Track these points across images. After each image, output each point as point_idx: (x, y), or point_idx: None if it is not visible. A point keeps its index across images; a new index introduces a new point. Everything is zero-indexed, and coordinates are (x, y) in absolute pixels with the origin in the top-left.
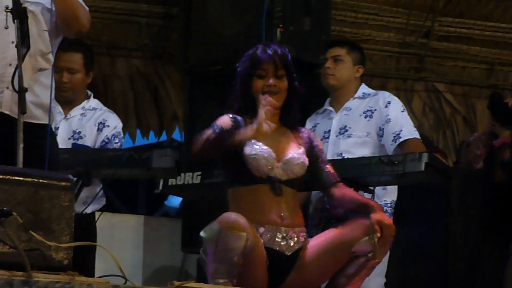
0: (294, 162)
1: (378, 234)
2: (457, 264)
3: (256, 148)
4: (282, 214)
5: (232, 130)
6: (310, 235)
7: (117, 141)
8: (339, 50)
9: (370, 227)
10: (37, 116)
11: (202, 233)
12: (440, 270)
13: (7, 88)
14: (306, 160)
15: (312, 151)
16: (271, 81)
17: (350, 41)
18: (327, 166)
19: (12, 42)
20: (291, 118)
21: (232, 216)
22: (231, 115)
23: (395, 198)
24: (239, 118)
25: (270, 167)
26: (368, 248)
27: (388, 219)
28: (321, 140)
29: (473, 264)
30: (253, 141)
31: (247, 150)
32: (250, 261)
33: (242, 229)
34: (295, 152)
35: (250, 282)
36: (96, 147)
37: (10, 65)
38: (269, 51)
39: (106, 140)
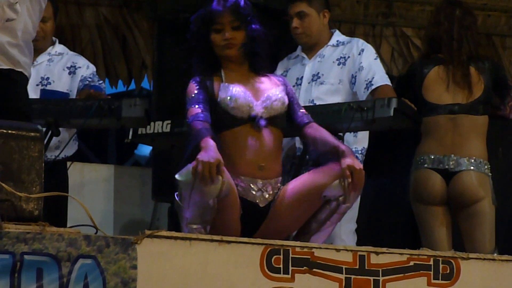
0: (273, 98)
1: (349, 179)
2: None
3: (232, 90)
4: (261, 164)
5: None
6: (282, 182)
7: (98, 79)
8: (300, 5)
9: (340, 171)
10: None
11: (177, 176)
12: (409, 215)
13: None
14: (285, 98)
15: (287, 94)
16: (227, 34)
17: None
18: (301, 109)
19: None
20: (260, 65)
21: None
22: (194, 82)
23: (366, 145)
24: (204, 78)
25: (250, 105)
26: (338, 192)
27: (358, 164)
28: (294, 86)
29: None
30: (226, 84)
31: (223, 94)
32: (224, 206)
33: (218, 174)
34: (274, 89)
35: (222, 229)
36: (75, 90)
37: None
38: (221, 3)
39: (89, 80)
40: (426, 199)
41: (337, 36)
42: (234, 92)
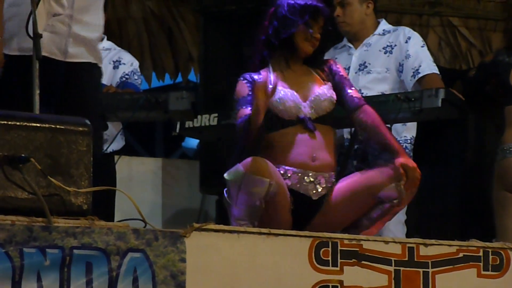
0: (321, 98)
1: (404, 178)
2: (474, 200)
3: (279, 93)
4: (314, 155)
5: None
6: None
7: (136, 77)
8: None
9: (395, 173)
10: (78, 54)
11: (226, 175)
12: (457, 206)
13: (44, 30)
14: (333, 95)
15: (334, 80)
16: (317, 35)
17: None
18: (350, 90)
19: None
20: (316, 61)
21: (256, 160)
22: (245, 82)
23: (414, 134)
24: (254, 76)
25: (297, 108)
26: (394, 195)
27: (412, 163)
28: None
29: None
30: (273, 86)
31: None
32: (273, 206)
33: (265, 174)
34: (321, 88)
35: (273, 224)
36: (114, 85)
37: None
38: (321, 5)
39: (126, 77)
40: (510, 187)
41: (384, 25)
42: (282, 94)
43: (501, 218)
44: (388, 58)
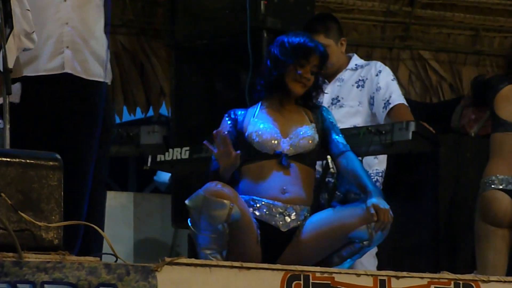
0: (301, 136)
1: (375, 218)
2: (448, 232)
3: (259, 125)
4: (284, 188)
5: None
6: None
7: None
8: (317, 37)
9: (367, 215)
10: (97, 72)
11: (187, 201)
12: (430, 239)
13: (67, 47)
14: (315, 135)
15: (323, 125)
16: (307, 74)
17: (319, 19)
18: (337, 136)
19: (65, 0)
20: (307, 102)
21: (216, 184)
22: (228, 119)
23: (385, 167)
24: (237, 112)
25: (275, 142)
26: (364, 236)
27: (384, 204)
28: None
29: (462, 233)
30: (256, 119)
31: (250, 128)
32: (238, 234)
33: (225, 197)
34: (304, 128)
35: (240, 254)
36: None
37: (67, 23)
38: (312, 44)
39: None
40: (492, 220)
41: (356, 60)
42: (261, 127)
43: (483, 251)
44: (360, 92)
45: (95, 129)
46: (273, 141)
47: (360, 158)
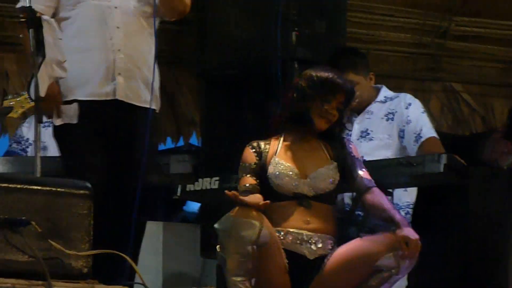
0: (321, 178)
1: (405, 252)
2: (477, 269)
3: (279, 167)
4: (307, 219)
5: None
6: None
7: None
8: (347, 75)
9: (395, 242)
10: (147, 99)
11: (216, 225)
12: (459, 275)
13: (119, 74)
14: (336, 176)
15: (345, 161)
16: (334, 110)
17: (345, 55)
18: (361, 171)
19: (118, 28)
20: (331, 137)
21: (246, 206)
22: (252, 149)
23: (414, 199)
24: (261, 145)
25: (294, 184)
26: (392, 264)
27: (414, 234)
28: None
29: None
30: (276, 159)
31: (270, 169)
32: (266, 257)
33: (254, 218)
34: (324, 168)
35: (268, 283)
36: None
37: (119, 50)
38: (341, 81)
39: None
40: None
41: (385, 92)
42: (281, 169)
43: None
44: (389, 125)
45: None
46: (292, 183)
47: (390, 190)
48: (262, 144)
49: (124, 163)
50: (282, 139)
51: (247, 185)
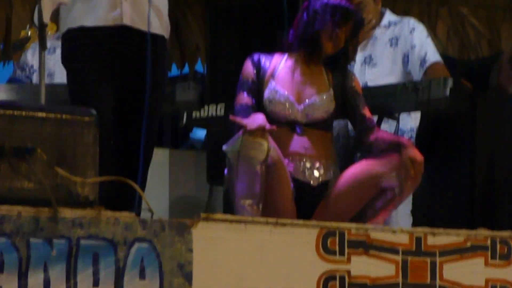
0: (315, 106)
1: (410, 171)
2: (484, 193)
3: (273, 93)
4: (305, 147)
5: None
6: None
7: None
8: None
9: (400, 163)
10: (156, 25)
11: (224, 147)
12: (466, 200)
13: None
14: (331, 105)
15: (346, 94)
16: (343, 36)
17: None
18: (363, 110)
19: None
20: (335, 64)
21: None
22: (251, 63)
23: (418, 123)
24: (261, 60)
25: (288, 111)
26: (396, 184)
27: (419, 156)
28: None
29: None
30: (273, 83)
31: (266, 93)
32: (274, 180)
33: (264, 137)
34: (321, 95)
35: (276, 209)
36: None
37: None
38: (353, 9)
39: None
40: None
41: (388, 16)
42: (276, 95)
43: None
44: (393, 51)
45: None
46: (286, 109)
47: (396, 114)
48: (263, 59)
49: (133, 92)
50: (285, 58)
51: (243, 104)
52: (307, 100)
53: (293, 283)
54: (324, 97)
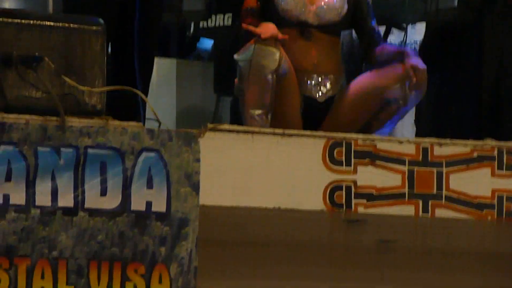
0: (329, 7)
1: (414, 79)
2: (492, 104)
3: None
4: (314, 62)
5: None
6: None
7: None
8: None
9: (403, 72)
10: None
11: (235, 56)
12: (473, 110)
13: None
14: (344, 7)
15: (358, 4)
16: None
17: None
18: (373, 23)
19: None
20: None
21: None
22: None
23: (422, 36)
24: None
25: (300, 10)
26: (400, 95)
27: (422, 64)
28: None
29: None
30: None
31: None
32: (284, 90)
33: (276, 46)
34: None
35: (283, 121)
36: None
37: None
38: None
39: None
40: None
41: None
42: None
43: None
44: None
45: None
46: (298, 10)
47: (404, 25)
48: None
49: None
50: None
51: (250, 8)
52: (319, 3)
53: (300, 193)
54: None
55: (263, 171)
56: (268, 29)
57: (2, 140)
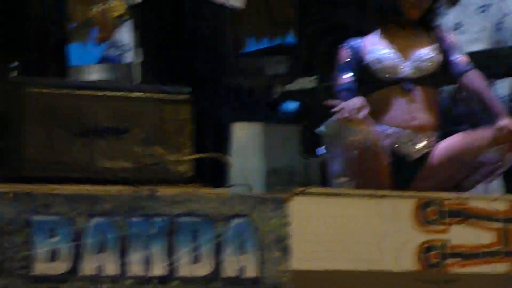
0: (423, 58)
1: (506, 141)
2: None
3: (379, 51)
4: (412, 115)
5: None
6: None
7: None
8: None
9: (497, 134)
10: None
11: (321, 128)
12: None
13: None
14: (438, 56)
15: (444, 46)
16: None
17: None
18: (458, 55)
19: None
20: (426, 23)
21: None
22: (346, 47)
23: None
24: (356, 43)
25: (396, 66)
26: (496, 158)
27: None
28: None
29: None
30: (375, 46)
31: (370, 56)
32: (370, 157)
33: (360, 123)
34: (426, 49)
35: (371, 181)
36: None
37: None
38: None
39: None
40: None
41: None
42: (381, 53)
43: None
44: (484, 17)
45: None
46: (394, 66)
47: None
48: (354, 40)
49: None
50: (378, 33)
51: (342, 84)
52: (414, 56)
53: (393, 254)
54: (430, 49)
55: (353, 233)
56: (352, 104)
57: (95, 212)
